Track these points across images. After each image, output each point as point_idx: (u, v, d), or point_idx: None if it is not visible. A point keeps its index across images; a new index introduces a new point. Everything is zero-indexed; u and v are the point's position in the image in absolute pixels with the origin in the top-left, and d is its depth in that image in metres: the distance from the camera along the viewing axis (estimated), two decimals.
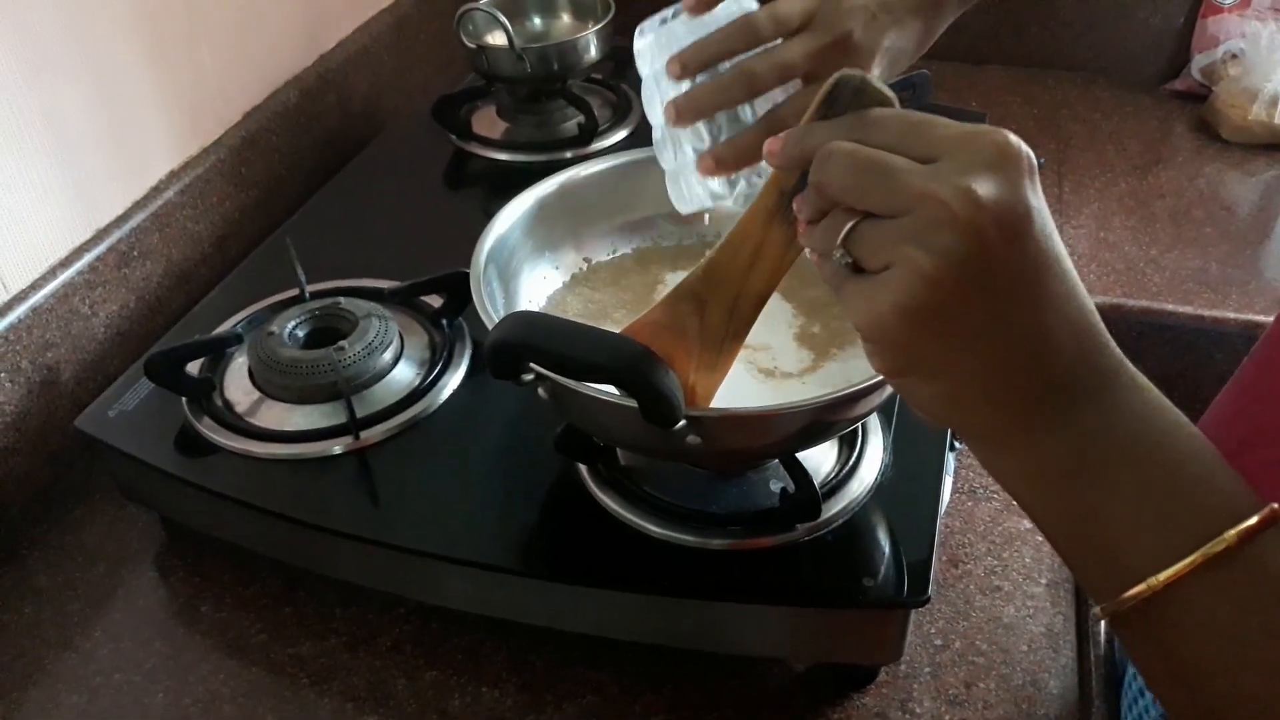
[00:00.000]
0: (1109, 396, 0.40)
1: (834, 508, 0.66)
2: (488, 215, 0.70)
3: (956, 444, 0.76)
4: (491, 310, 0.61)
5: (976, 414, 0.42)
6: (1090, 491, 0.40)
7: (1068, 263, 0.40)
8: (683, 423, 0.53)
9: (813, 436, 0.61)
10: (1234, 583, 0.38)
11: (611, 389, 0.53)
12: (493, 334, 0.52)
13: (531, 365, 0.55)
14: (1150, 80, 1.34)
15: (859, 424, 0.69)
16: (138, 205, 0.93)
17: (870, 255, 0.41)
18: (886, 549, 0.65)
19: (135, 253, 0.92)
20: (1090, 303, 0.41)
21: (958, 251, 0.38)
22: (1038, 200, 0.39)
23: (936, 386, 0.42)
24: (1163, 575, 0.39)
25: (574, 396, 0.55)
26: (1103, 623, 0.71)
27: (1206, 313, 0.98)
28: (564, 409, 0.60)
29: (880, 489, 0.68)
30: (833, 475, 0.68)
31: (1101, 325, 0.41)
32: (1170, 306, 0.99)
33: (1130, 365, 0.41)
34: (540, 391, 0.59)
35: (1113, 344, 0.41)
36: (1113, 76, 1.35)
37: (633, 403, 0.51)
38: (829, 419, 0.58)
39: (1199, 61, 1.28)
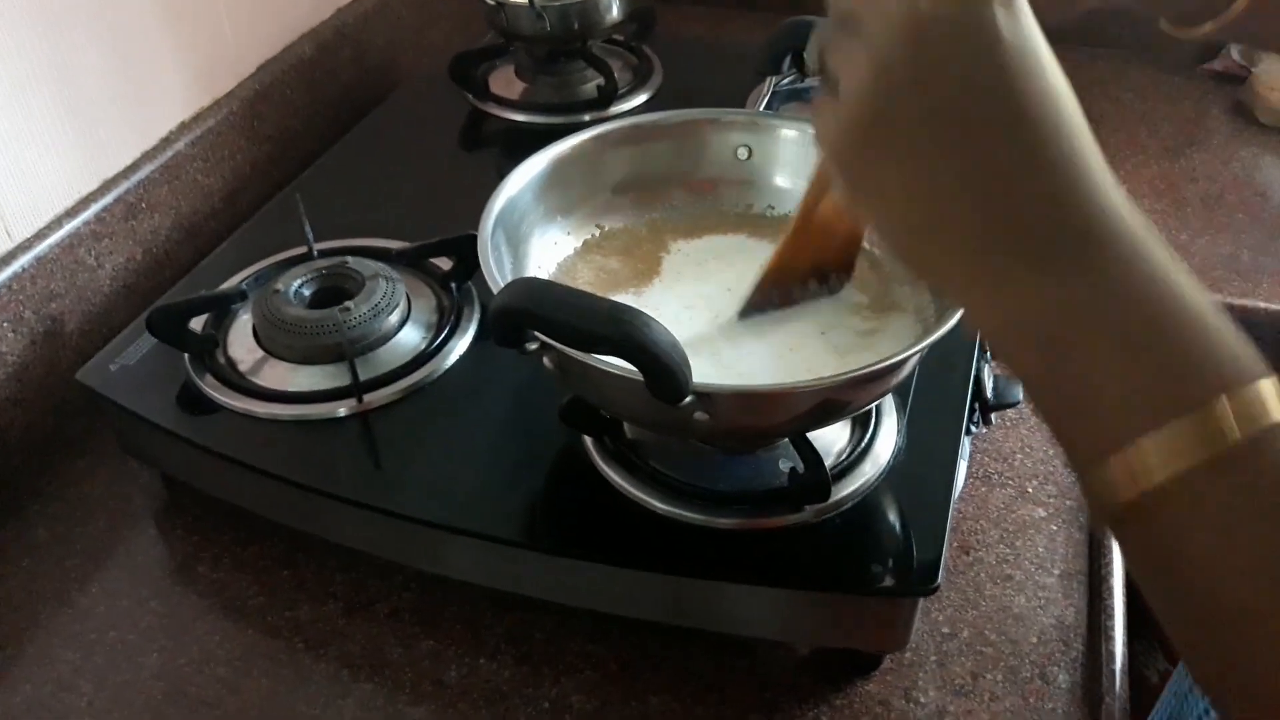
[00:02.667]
0: (1107, 263, 0.36)
1: (844, 489, 0.64)
2: (502, 177, 0.68)
3: (973, 427, 0.74)
4: (498, 275, 0.59)
5: (936, 250, 0.39)
6: (1072, 362, 0.36)
7: (1060, 105, 0.36)
8: (690, 398, 0.51)
9: (825, 416, 0.59)
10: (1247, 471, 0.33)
11: (618, 360, 0.51)
12: (496, 299, 0.51)
13: (535, 334, 0.54)
14: (1187, 60, 1.30)
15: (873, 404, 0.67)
16: (147, 156, 0.91)
17: (833, 66, 0.39)
18: (897, 534, 0.64)
19: (143, 204, 0.90)
20: (1099, 165, 0.37)
21: (894, 53, 0.36)
22: (1009, 22, 0.36)
23: (893, 212, 0.39)
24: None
25: (578, 367, 0.54)
26: (1118, 616, 0.70)
27: (1236, 301, 0.95)
28: (569, 380, 0.59)
29: (893, 472, 0.66)
30: (844, 456, 0.66)
31: (1109, 186, 0.36)
32: None
33: (1144, 231, 0.36)
34: (545, 361, 0.57)
35: (1119, 207, 0.36)
36: (1148, 55, 1.31)
37: (638, 376, 0.50)
38: (842, 399, 0.56)
39: None
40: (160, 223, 0.92)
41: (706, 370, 0.56)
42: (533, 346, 0.54)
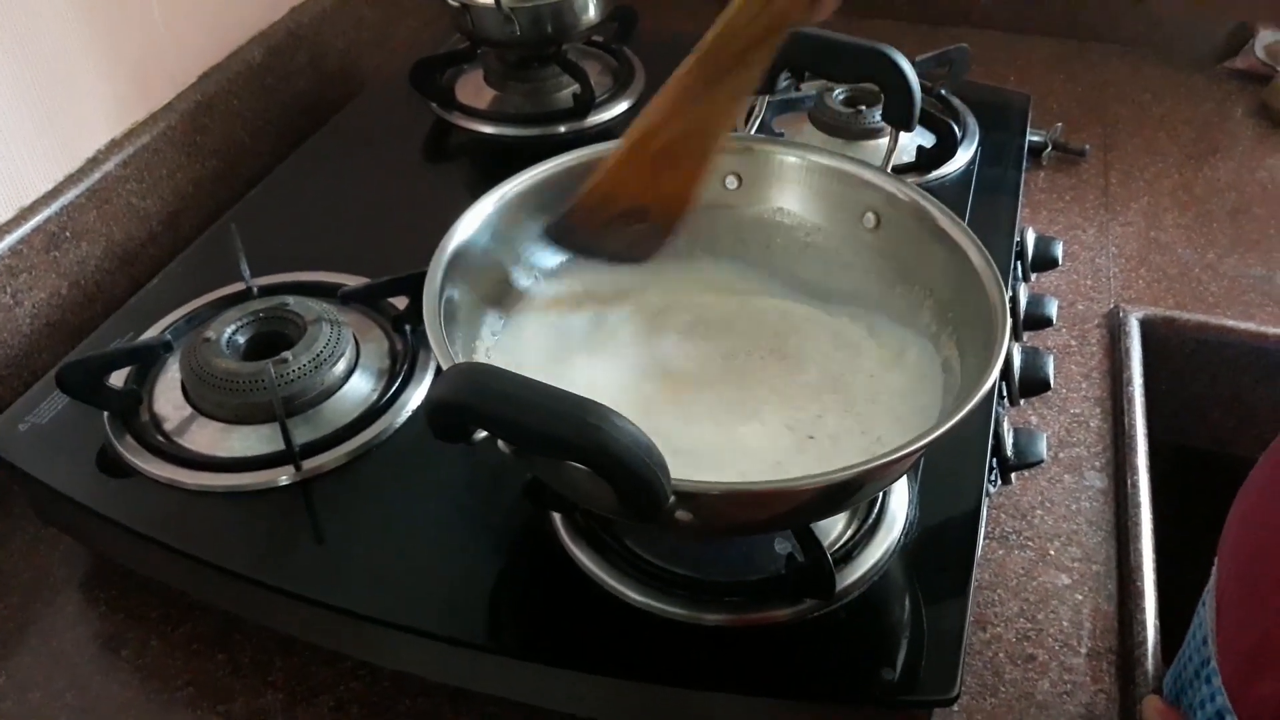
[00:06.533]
0: None
1: (849, 576, 0.56)
2: (471, 193, 0.61)
3: (991, 487, 0.66)
4: (447, 339, 0.51)
5: None
6: None
7: None
8: (671, 499, 0.43)
9: (829, 509, 0.51)
10: None
11: None
12: (433, 390, 0.42)
13: None
14: (1207, 57, 1.22)
15: None
16: (71, 179, 0.82)
17: None
18: (909, 628, 0.56)
19: (67, 233, 0.81)
20: None
21: None
22: None
23: None
24: None
25: (537, 460, 0.45)
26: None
27: (1271, 330, 0.87)
28: (529, 467, 0.50)
29: (904, 550, 0.58)
30: (848, 537, 0.58)
31: None
32: (1230, 322, 0.88)
33: None
34: (500, 444, 0.49)
35: None
36: (1165, 52, 1.23)
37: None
38: (850, 490, 0.48)
39: (1264, 38, 1.15)
40: (89, 252, 0.84)
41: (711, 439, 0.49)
42: (481, 435, 0.46)
